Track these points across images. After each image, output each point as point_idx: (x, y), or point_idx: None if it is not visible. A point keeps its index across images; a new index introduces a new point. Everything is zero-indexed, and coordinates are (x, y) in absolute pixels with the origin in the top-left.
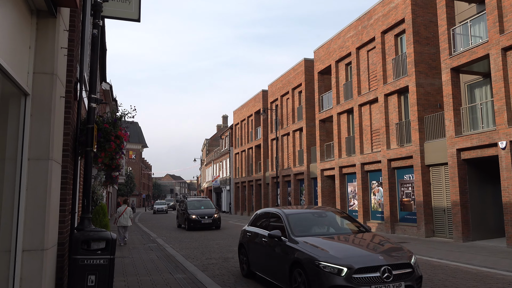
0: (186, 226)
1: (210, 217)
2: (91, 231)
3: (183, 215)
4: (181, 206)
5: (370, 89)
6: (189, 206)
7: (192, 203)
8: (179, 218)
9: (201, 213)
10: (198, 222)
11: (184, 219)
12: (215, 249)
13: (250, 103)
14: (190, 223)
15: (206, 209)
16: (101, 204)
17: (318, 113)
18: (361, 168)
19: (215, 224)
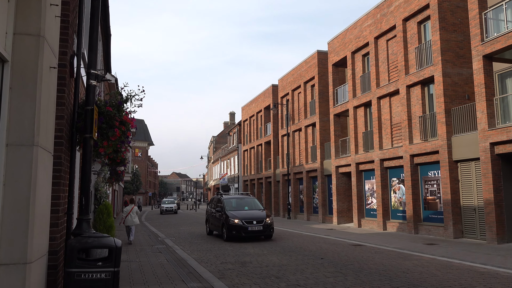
0: (224, 234)
1: (260, 222)
2: (90, 237)
3: (218, 219)
4: (214, 206)
5: (390, 81)
6: (227, 206)
7: (231, 202)
8: (210, 221)
9: (247, 216)
10: (243, 230)
11: (220, 224)
12: (229, 251)
13: (259, 98)
14: (231, 231)
15: (252, 211)
16: (105, 202)
17: (332, 107)
18: (380, 164)
19: (266, 231)
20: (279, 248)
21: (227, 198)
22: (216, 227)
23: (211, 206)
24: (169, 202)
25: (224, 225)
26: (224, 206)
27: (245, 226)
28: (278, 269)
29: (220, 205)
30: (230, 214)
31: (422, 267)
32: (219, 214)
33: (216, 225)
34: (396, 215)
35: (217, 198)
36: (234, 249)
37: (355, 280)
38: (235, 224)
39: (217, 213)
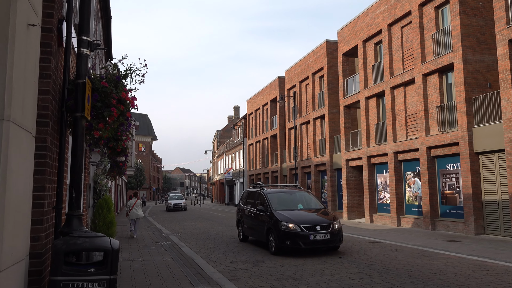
0: (271, 243)
1: (326, 228)
2: (81, 237)
3: (259, 221)
4: (251, 203)
5: (405, 70)
6: (273, 203)
7: (278, 197)
8: (245, 224)
9: (306, 220)
10: (302, 239)
11: (264, 229)
12: (238, 249)
13: (265, 91)
14: (283, 240)
15: (310, 211)
16: (105, 196)
17: (342, 99)
18: (394, 157)
19: (335, 241)
20: None
21: (271, 192)
22: (255, 232)
23: (245, 202)
24: (177, 197)
25: (271, 231)
26: (269, 204)
27: (304, 233)
28: (294, 269)
29: (261, 201)
30: (280, 215)
31: (453, 267)
32: (261, 215)
33: (255, 229)
34: (411, 210)
35: (255, 193)
36: (243, 247)
37: (383, 283)
38: (290, 231)
39: (257, 213)
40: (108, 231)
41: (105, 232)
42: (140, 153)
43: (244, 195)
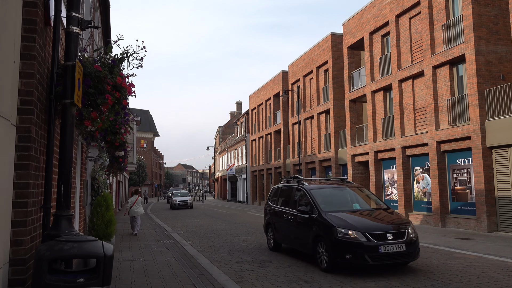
0: (322, 256)
1: (400, 237)
2: (68, 242)
3: (299, 225)
4: (288, 202)
5: (413, 62)
6: (320, 203)
7: (325, 195)
8: (277, 228)
9: (370, 225)
10: (369, 251)
11: (308, 236)
12: (244, 248)
13: (268, 85)
14: (340, 252)
15: (371, 213)
16: (104, 194)
17: (348, 93)
18: (402, 152)
19: (411, 254)
20: None
21: (315, 188)
22: (294, 240)
23: (276, 201)
24: (182, 194)
25: (320, 239)
26: (315, 204)
27: (372, 244)
28: (304, 269)
29: (302, 200)
30: (334, 219)
31: (473, 267)
32: (303, 218)
33: (294, 236)
34: (420, 207)
35: (291, 189)
36: (248, 245)
37: (401, 285)
38: (350, 240)
39: (296, 215)
40: (106, 230)
41: (104, 231)
42: (142, 149)
43: (274, 192)
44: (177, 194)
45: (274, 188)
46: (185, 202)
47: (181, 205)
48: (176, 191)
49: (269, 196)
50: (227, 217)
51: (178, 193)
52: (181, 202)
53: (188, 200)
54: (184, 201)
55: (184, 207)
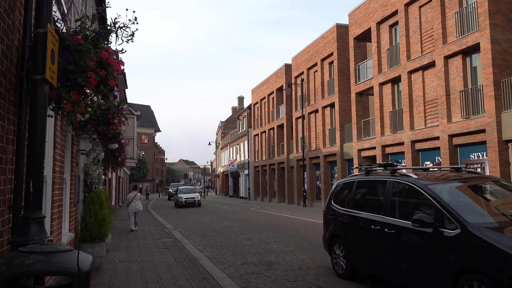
0: None
1: None
2: (33, 253)
3: (429, 250)
4: (376, 206)
5: (424, 52)
6: (462, 212)
7: (458, 196)
8: (354, 244)
9: None
10: None
11: (447, 269)
12: (248, 247)
13: (271, 79)
14: None
15: None
16: (97, 190)
17: (354, 85)
18: (411, 146)
19: None
20: (309, 244)
21: (438, 184)
22: (394, 267)
23: (345, 202)
24: (189, 190)
25: (474, 276)
26: (450, 210)
27: None
28: (315, 273)
29: (409, 202)
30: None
31: None
32: (419, 234)
33: (396, 262)
34: None
35: (379, 184)
36: (253, 245)
37: None
38: None
39: (399, 227)
40: (100, 229)
41: (97, 231)
42: (143, 145)
43: (341, 188)
44: (183, 190)
45: (340, 184)
46: (192, 200)
47: (188, 203)
48: (182, 187)
49: (333, 195)
50: (229, 213)
51: (184, 189)
52: (189, 199)
53: (196, 198)
54: (192, 198)
55: (191, 205)
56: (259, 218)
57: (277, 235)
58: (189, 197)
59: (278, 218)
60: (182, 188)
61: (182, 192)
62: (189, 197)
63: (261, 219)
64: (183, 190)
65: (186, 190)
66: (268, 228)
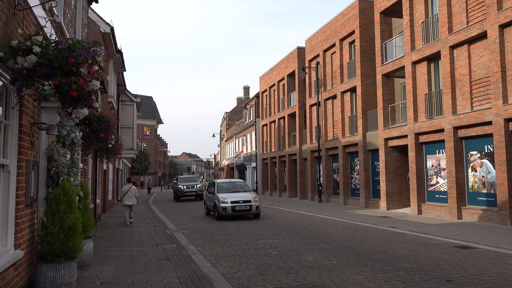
0: None
1: None
2: None
3: None
4: None
5: (471, 23)
6: None
7: None
8: None
9: None
10: None
11: None
12: (275, 258)
13: (281, 64)
14: None
15: None
16: (65, 184)
17: (380, 66)
18: (453, 133)
19: None
20: (354, 255)
21: None
22: None
23: None
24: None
25: None
26: None
27: None
28: None
29: None
30: None
31: None
32: None
33: None
34: (477, 200)
35: None
36: (280, 254)
37: None
38: None
39: None
40: (67, 242)
41: (62, 246)
42: (145, 137)
43: None
44: (182, 179)
45: None
46: (192, 192)
47: (188, 195)
48: (182, 176)
49: None
50: None
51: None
52: (189, 190)
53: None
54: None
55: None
56: (274, 216)
57: (307, 240)
58: (190, 189)
59: (296, 216)
60: (182, 177)
61: (182, 181)
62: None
63: (278, 217)
64: (182, 179)
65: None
66: (292, 230)
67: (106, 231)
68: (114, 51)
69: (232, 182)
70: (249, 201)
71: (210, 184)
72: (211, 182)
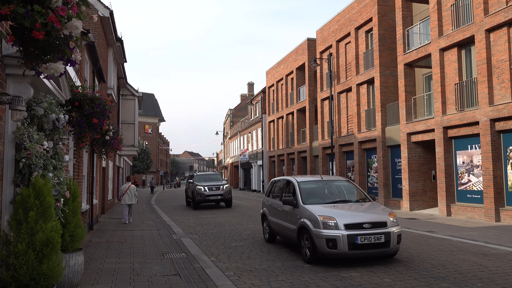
0: None
1: None
2: None
3: None
4: None
5: (511, 2)
6: None
7: None
8: None
9: None
10: None
11: None
12: (311, 274)
13: (289, 57)
14: None
15: None
16: (38, 182)
17: (402, 55)
18: (489, 126)
19: None
20: (385, 261)
21: None
22: None
23: None
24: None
25: None
26: None
27: None
28: None
29: None
30: None
31: None
32: None
33: None
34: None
35: None
36: (319, 269)
37: None
38: None
39: None
40: (39, 266)
41: (32, 270)
42: (147, 135)
43: None
44: (200, 178)
45: None
46: (216, 195)
47: (211, 200)
48: (200, 175)
49: None
50: (249, 211)
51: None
52: (212, 194)
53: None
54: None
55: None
56: None
57: None
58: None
59: None
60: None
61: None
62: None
63: None
64: (200, 177)
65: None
66: None
67: (104, 235)
68: (114, 39)
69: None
70: (219, 189)
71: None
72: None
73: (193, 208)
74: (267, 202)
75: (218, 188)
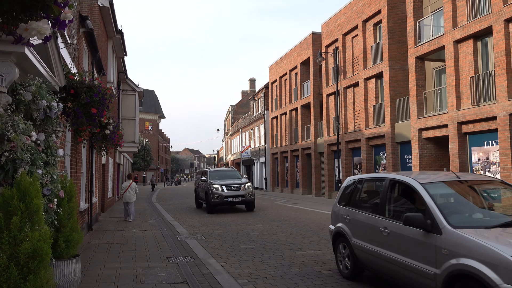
0: None
1: None
2: None
3: None
4: None
5: None
6: None
7: None
8: None
9: None
10: None
11: None
12: (334, 283)
13: (293, 52)
14: None
15: None
16: (23, 180)
17: (413, 47)
18: (508, 121)
19: None
20: None
21: None
22: None
23: None
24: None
25: None
26: None
27: None
28: None
29: None
30: None
31: None
32: None
33: None
34: None
35: None
36: (332, 273)
37: None
38: None
39: None
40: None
41: None
42: (147, 131)
43: None
44: (215, 175)
45: None
46: (238, 196)
47: (231, 202)
48: (214, 172)
49: None
50: (255, 209)
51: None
52: (232, 195)
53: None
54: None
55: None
56: (298, 217)
57: None
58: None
59: (324, 217)
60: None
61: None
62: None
63: (303, 219)
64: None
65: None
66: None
67: (104, 236)
68: (114, 31)
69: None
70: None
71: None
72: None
73: (207, 212)
74: (345, 214)
75: (239, 187)
